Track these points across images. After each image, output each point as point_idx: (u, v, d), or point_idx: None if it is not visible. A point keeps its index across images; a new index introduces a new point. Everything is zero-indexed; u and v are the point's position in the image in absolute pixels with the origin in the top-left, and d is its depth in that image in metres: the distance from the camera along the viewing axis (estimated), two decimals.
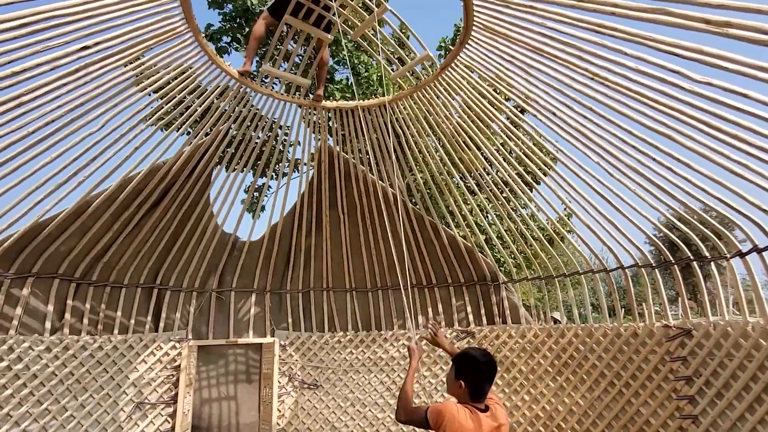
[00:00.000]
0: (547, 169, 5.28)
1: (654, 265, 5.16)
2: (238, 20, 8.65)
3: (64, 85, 3.87)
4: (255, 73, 4.76)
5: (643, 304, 5.45)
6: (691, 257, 4.91)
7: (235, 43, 8.59)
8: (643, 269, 5.31)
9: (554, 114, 4.35)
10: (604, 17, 3.17)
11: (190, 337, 6.17)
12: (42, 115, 3.87)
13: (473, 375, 2.46)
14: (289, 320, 6.85)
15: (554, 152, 4.99)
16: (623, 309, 6.29)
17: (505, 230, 6.58)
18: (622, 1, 2.92)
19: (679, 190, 4.23)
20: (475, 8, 3.86)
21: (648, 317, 5.29)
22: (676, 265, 4.97)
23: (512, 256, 8.38)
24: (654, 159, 4.12)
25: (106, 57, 3.83)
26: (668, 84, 3.35)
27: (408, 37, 6.53)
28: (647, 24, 2.99)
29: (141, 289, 5.93)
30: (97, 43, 3.66)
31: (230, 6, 8.63)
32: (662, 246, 5.20)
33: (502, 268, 6.67)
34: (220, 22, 8.79)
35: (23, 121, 3.79)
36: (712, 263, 4.62)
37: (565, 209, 6.65)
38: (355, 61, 8.45)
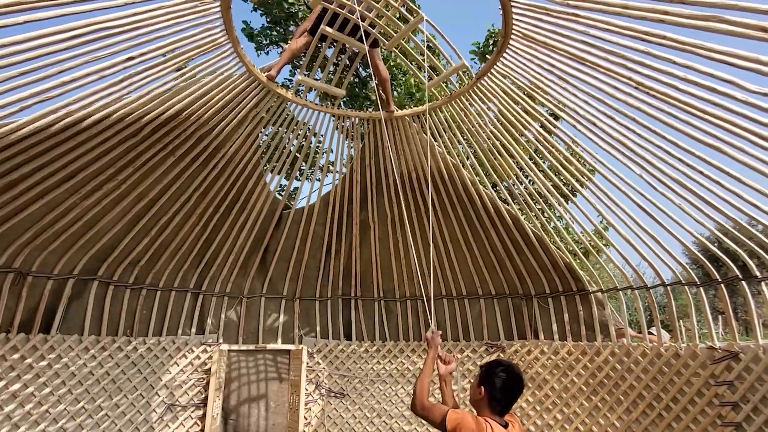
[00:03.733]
0: (584, 180, 5.13)
1: (699, 282, 4.91)
2: (281, 23, 8.83)
3: (110, 94, 4.01)
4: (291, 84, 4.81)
5: (680, 321, 5.20)
6: (740, 275, 4.65)
7: (273, 46, 8.76)
8: (686, 287, 5.06)
9: (594, 124, 4.22)
10: (652, 25, 3.05)
11: (221, 341, 6.25)
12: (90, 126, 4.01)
13: (496, 385, 2.39)
14: (317, 328, 6.86)
15: (592, 163, 4.83)
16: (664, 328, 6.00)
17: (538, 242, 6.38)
18: (672, 8, 2.80)
19: (726, 204, 4.03)
20: (515, 17, 3.79)
21: (691, 337, 5.03)
22: (723, 284, 4.71)
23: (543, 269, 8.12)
24: (701, 172, 3.94)
25: (150, 67, 3.94)
26: (720, 94, 3.20)
27: (435, 53, 6.50)
28: (698, 32, 2.86)
29: (175, 293, 6.04)
30: (141, 54, 3.77)
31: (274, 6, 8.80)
32: (707, 263, 4.95)
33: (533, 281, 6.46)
34: (266, 23, 8.95)
35: (73, 131, 3.94)
36: (762, 283, 4.36)
37: (601, 221, 6.44)
38: (391, 63, 8.47)
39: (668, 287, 5.29)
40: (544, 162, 5.74)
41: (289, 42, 4.69)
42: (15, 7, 2.81)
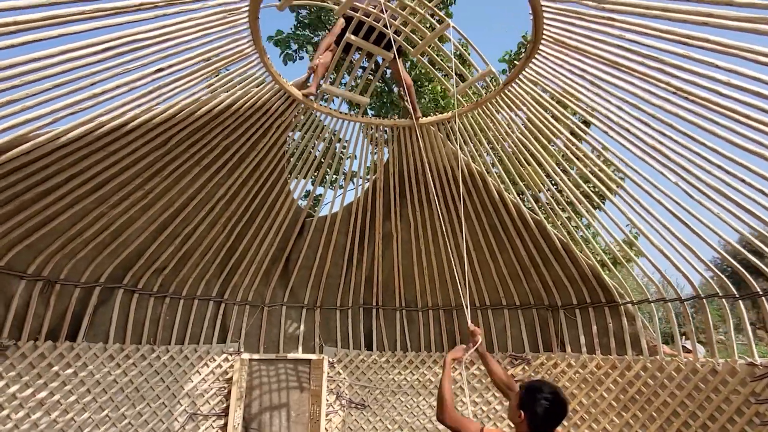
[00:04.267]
0: (615, 188, 4.98)
1: (738, 295, 4.71)
2: (309, 27, 8.90)
3: (139, 105, 4.05)
4: (316, 93, 4.80)
5: (704, 332, 4.98)
6: None
7: (302, 51, 8.82)
8: (724, 300, 4.85)
9: (628, 131, 4.09)
10: (694, 28, 2.94)
11: (242, 349, 6.23)
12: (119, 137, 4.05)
13: (538, 412, 2.26)
14: (338, 337, 6.79)
15: (623, 169, 4.67)
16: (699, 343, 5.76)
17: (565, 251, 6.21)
18: (717, 10, 2.69)
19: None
20: (545, 22, 3.71)
21: (729, 352, 4.82)
22: (765, 297, 4.51)
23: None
24: (743, 180, 3.77)
25: (178, 78, 3.96)
26: (766, 99, 3.05)
27: (469, 53, 6.43)
28: (744, 34, 2.74)
29: (198, 301, 6.05)
30: (170, 65, 3.80)
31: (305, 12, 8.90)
32: (746, 274, 4.74)
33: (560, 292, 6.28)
34: (294, 26, 9.05)
35: (103, 141, 3.98)
36: None
37: (631, 230, 6.25)
38: (419, 71, 8.44)
39: (704, 300, 5.09)
40: (572, 168, 5.58)
41: (318, 56, 4.68)
42: (52, 20, 2.85)
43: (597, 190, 5.49)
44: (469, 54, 6.45)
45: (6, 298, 4.59)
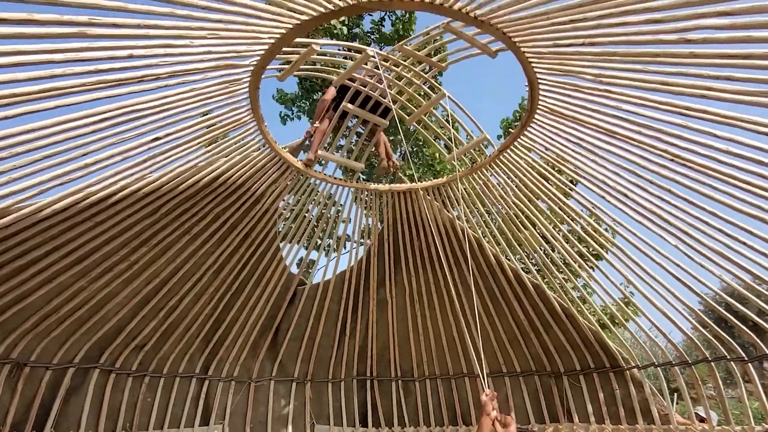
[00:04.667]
0: (609, 246, 4.98)
1: (748, 358, 4.60)
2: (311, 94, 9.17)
3: (131, 174, 3.91)
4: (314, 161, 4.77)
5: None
6: None
7: (302, 114, 9.07)
8: (733, 363, 4.73)
9: (626, 195, 4.13)
10: (693, 100, 3.05)
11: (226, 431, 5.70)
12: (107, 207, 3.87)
13: None
14: (330, 413, 6.32)
15: (621, 232, 4.68)
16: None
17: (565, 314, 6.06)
18: (717, 84, 2.80)
19: None
20: (541, 93, 3.82)
21: (744, 420, 4.63)
22: None
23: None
24: (744, 243, 3.79)
25: (174, 147, 3.87)
26: (766, 165, 3.13)
27: (455, 126, 6.61)
28: (744, 106, 2.84)
29: (180, 379, 5.59)
30: (167, 134, 3.72)
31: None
32: (755, 336, 4.67)
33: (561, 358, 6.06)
34: (298, 91, 9.29)
35: (91, 211, 3.78)
36: None
37: (626, 287, 6.20)
38: (416, 137, 8.63)
39: (713, 363, 4.96)
40: (567, 230, 5.59)
41: (314, 123, 4.71)
42: (50, 93, 2.75)
43: (592, 249, 5.49)
44: (455, 126, 6.66)
45: None
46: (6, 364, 4.35)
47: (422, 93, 5.00)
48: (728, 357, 4.78)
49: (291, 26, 3.25)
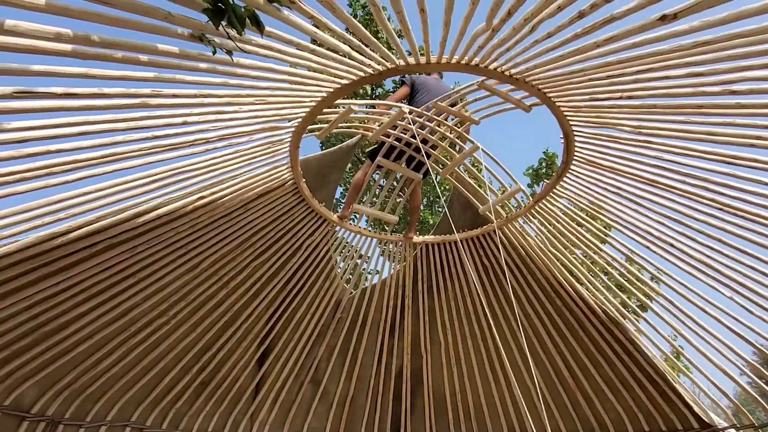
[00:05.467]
0: (655, 296, 4.75)
1: None
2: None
3: (174, 228, 4.03)
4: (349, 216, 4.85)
5: None
6: None
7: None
8: None
9: (672, 245, 4.00)
10: (740, 149, 3.00)
11: None
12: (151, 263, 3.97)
13: None
14: None
15: (671, 284, 4.48)
16: None
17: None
18: (766, 133, 2.76)
19: None
20: (577, 145, 3.83)
21: None
22: None
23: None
24: None
25: (216, 200, 3.99)
26: None
27: (480, 170, 6.66)
28: None
29: None
30: (212, 193, 3.85)
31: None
32: None
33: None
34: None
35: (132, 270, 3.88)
36: None
37: (675, 337, 5.84)
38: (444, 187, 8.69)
39: None
40: (610, 280, 5.39)
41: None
42: (108, 158, 2.92)
43: (635, 300, 5.26)
44: (480, 173, 6.68)
45: None
46: (41, 422, 4.34)
47: (455, 146, 5.08)
48: None
49: (332, 90, 3.40)
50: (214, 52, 2.16)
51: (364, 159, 5.11)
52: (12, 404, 4.15)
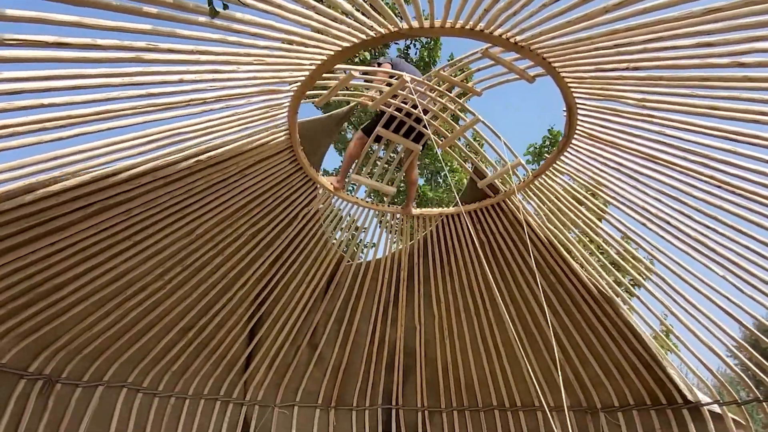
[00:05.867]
0: (648, 275, 4.79)
1: None
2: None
3: (169, 192, 4.00)
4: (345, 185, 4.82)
5: None
6: None
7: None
8: None
9: (668, 223, 4.00)
10: (743, 125, 2.96)
11: None
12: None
13: None
14: None
15: (662, 260, 4.51)
16: None
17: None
18: None
19: None
20: (580, 118, 3.78)
21: None
22: None
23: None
24: None
25: (213, 164, 3.95)
26: None
27: (481, 145, 6.62)
28: None
29: (204, 401, 5.56)
30: (209, 157, 3.81)
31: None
32: None
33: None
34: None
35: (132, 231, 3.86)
36: None
37: (666, 317, 5.92)
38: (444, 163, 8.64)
39: None
40: (605, 258, 5.42)
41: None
42: (101, 116, 2.86)
43: (630, 279, 5.31)
44: (481, 145, 6.63)
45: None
46: (38, 380, 4.41)
47: (455, 118, 5.03)
48: None
49: (333, 53, 3.32)
50: (210, 2, 2.09)
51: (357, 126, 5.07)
52: (9, 363, 4.20)
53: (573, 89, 3.47)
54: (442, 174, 8.52)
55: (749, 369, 4.73)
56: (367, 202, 5.28)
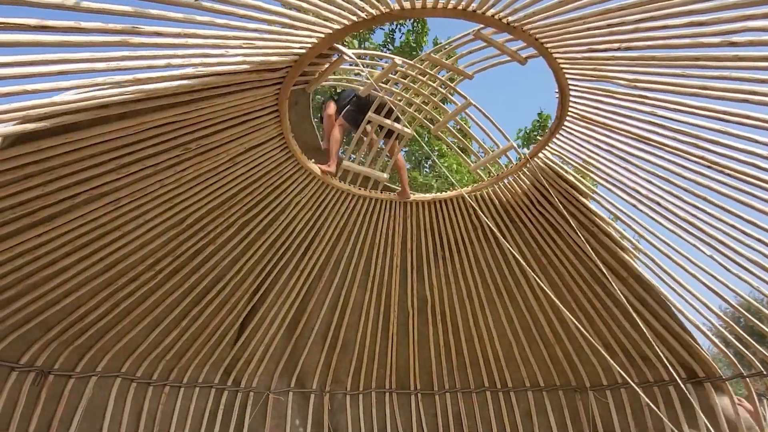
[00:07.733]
0: (637, 255, 4.86)
1: None
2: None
3: (159, 181, 3.94)
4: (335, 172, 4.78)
5: None
6: None
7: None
8: None
9: (659, 204, 4.05)
10: (733, 104, 2.99)
11: None
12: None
13: None
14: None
15: (651, 240, 4.58)
16: None
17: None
18: (760, 87, 2.74)
19: None
20: (572, 100, 3.79)
21: None
22: None
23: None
24: None
25: (202, 152, 3.89)
26: None
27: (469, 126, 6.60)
28: None
29: (199, 389, 5.57)
30: (198, 144, 3.74)
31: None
32: None
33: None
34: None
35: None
36: None
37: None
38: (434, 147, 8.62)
39: None
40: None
41: (327, 132, 4.77)
42: (89, 103, 2.78)
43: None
44: (467, 128, 6.61)
45: None
46: (30, 372, 4.37)
47: (444, 101, 5.00)
48: None
49: (323, 35, 3.27)
50: None
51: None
52: (0, 355, 4.16)
53: (565, 70, 3.47)
54: (429, 160, 8.52)
55: (731, 344, 4.87)
56: (360, 189, 5.24)
